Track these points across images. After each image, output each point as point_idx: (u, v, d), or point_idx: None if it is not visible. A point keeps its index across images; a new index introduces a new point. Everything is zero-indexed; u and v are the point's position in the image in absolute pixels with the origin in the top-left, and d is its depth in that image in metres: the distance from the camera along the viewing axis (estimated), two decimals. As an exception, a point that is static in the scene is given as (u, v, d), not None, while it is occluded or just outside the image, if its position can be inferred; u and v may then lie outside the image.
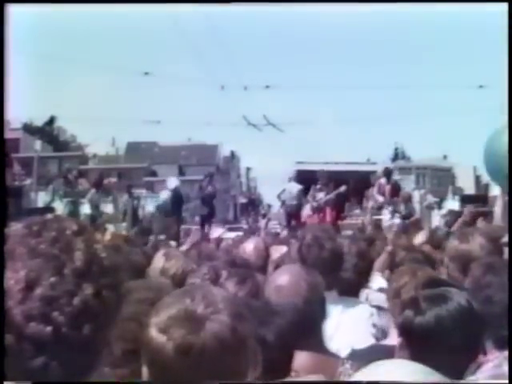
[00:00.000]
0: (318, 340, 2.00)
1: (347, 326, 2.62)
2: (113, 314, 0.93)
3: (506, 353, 1.94)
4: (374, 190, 11.76)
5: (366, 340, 2.49)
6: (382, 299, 3.15)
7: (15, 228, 0.91)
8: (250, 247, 3.69)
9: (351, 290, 2.95)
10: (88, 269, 0.89)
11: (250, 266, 3.18)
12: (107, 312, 0.90)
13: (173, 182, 13.97)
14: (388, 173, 11.94)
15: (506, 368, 1.90)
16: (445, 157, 55.92)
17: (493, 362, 1.97)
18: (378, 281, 3.66)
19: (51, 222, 0.93)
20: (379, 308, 2.84)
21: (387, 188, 11.25)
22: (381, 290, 3.40)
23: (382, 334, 2.62)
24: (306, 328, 1.91)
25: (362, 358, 1.83)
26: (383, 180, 11.56)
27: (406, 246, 4.12)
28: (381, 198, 11.21)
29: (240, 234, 12.33)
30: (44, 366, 0.82)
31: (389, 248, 3.99)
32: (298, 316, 1.86)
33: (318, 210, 11.55)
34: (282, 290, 2.03)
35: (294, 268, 2.26)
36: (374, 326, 2.67)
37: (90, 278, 0.88)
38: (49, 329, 0.82)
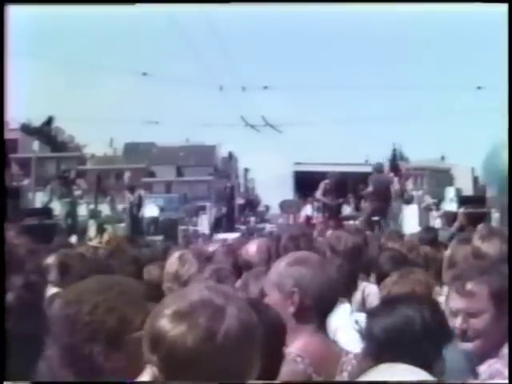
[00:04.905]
0: (324, 326, 2.03)
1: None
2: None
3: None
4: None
5: (349, 335, 2.51)
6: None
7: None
8: (252, 249, 3.68)
9: None
10: None
11: (253, 267, 3.18)
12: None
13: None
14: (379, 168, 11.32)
15: (499, 365, 1.90)
16: (443, 158, 55.95)
17: None
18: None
19: None
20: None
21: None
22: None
23: None
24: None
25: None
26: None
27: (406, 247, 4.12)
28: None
29: (237, 235, 12.34)
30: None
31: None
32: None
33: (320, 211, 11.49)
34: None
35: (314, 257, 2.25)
36: (357, 322, 2.69)
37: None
38: None
